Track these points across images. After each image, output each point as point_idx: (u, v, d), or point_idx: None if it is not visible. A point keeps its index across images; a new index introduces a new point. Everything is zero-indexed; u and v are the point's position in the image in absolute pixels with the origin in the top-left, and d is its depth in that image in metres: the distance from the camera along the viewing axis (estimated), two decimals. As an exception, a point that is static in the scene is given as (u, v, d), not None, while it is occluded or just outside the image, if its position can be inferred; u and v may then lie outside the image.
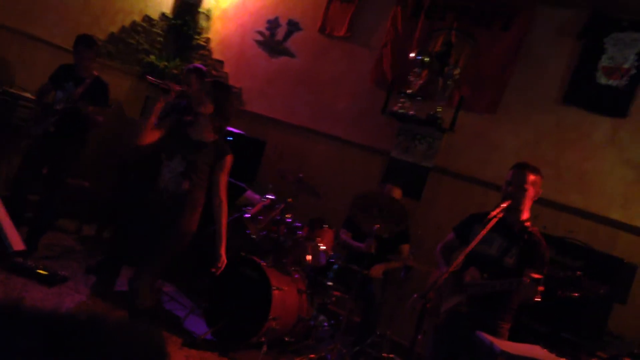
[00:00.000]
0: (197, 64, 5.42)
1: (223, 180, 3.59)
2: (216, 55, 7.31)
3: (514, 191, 3.20)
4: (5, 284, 4.00)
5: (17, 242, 3.14)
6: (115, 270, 4.67)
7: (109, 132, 5.44)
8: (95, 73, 4.91)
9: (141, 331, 1.03)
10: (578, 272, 2.82)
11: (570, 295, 2.81)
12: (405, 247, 4.99)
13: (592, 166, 4.90)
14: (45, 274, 4.36)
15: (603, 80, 4.91)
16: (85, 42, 4.80)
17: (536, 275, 2.93)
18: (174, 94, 3.61)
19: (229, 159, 3.58)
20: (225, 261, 3.58)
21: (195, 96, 3.68)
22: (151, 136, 3.57)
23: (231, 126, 6.02)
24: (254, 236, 4.62)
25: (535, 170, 3.24)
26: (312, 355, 4.37)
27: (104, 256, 5.03)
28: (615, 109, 4.86)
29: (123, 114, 6.79)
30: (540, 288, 2.96)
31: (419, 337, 4.40)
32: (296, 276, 4.60)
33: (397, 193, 5.03)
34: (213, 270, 3.57)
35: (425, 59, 5.50)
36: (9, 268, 4.24)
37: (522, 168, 3.25)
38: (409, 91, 5.61)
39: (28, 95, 5.30)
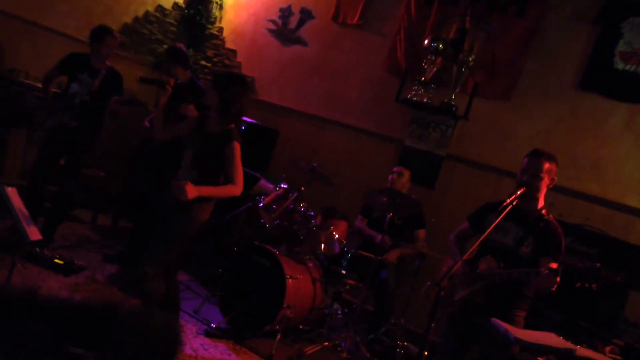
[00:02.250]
0: (177, 44, 5.38)
1: (235, 167, 3.53)
2: (229, 45, 7.31)
3: (529, 179, 3.17)
4: (22, 274, 4.04)
5: (34, 232, 3.19)
6: (136, 261, 4.72)
7: (123, 122, 5.46)
8: (108, 64, 4.93)
9: (156, 319, 1.04)
10: (597, 264, 2.79)
11: (589, 287, 2.79)
12: (421, 232, 4.99)
13: (608, 153, 4.85)
14: (61, 264, 4.41)
15: (620, 65, 4.84)
16: (106, 31, 4.81)
17: (554, 265, 2.91)
18: (169, 87, 3.65)
19: (235, 146, 3.52)
20: (184, 193, 3.28)
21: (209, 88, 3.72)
22: (167, 131, 3.65)
23: (244, 115, 6.03)
24: (267, 225, 4.63)
25: (551, 158, 3.21)
26: (326, 343, 4.38)
27: (123, 246, 5.08)
28: (632, 95, 4.80)
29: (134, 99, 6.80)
30: (557, 278, 2.95)
31: (433, 325, 4.41)
32: (310, 265, 4.61)
33: (405, 173, 5.02)
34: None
35: (439, 46, 5.46)
36: (26, 257, 4.30)
37: (537, 155, 3.22)
38: (422, 79, 5.58)
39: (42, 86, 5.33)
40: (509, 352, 2.91)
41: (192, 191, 3.29)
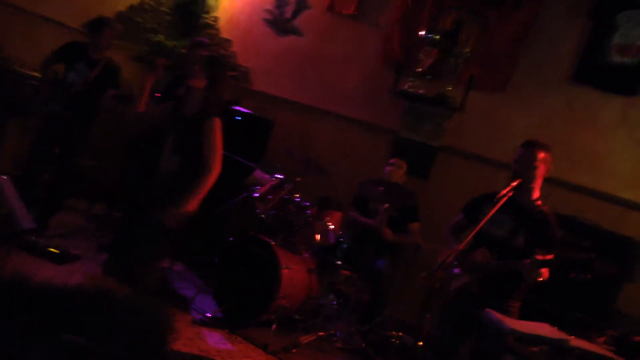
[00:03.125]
0: (201, 38, 5.38)
1: (211, 147, 3.38)
2: (224, 34, 7.26)
3: (524, 169, 3.18)
4: (16, 263, 4.03)
5: (28, 221, 3.17)
6: (126, 250, 4.70)
7: (116, 111, 5.44)
8: (107, 54, 4.90)
9: (149, 306, 1.04)
10: (592, 255, 2.81)
11: (584, 278, 2.80)
12: (415, 226, 4.98)
13: (603, 146, 4.86)
14: (56, 253, 4.40)
15: (616, 58, 4.84)
16: (109, 23, 4.78)
17: (539, 257, 2.92)
18: (160, 68, 3.57)
19: (214, 121, 3.39)
20: (170, 221, 3.30)
21: (190, 70, 3.61)
22: (149, 107, 3.56)
23: (238, 105, 6.01)
24: (262, 215, 4.63)
25: (545, 147, 3.22)
26: (321, 333, 4.40)
27: (114, 235, 5.07)
28: (626, 88, 4.81)
29: (131, 94, 6.77)
30: (543, 270, 2.96)
31: (428, 315, 4.43)
32: (305, 255, 4.62)
33: (403, 165, 5.02)
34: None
35: (435, 38, 5.44)
36: (20, 246, 4.28)
37: (531, 146, 3.22)
38: (418, 70, 5.56)
39: (37, 75, 5.29)
40: (503, 342, 2.93)
41: (175, 215, 3.25)
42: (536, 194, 3.25)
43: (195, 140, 3.39)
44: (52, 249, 4.40)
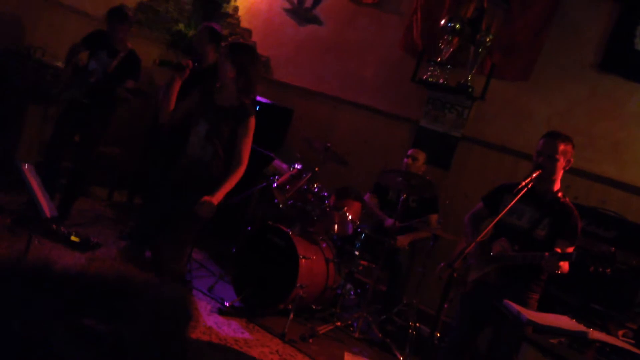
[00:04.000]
0: (213, 24, 5.34)
1: (245, 143, 3.47)
2: (244, 24, 7.27)
3: (545, 161, 3.14)
4: (38, 249, 4.09)
5: (50, 208, 3.22)
6: (146, 238, 4.75)
7: (139, 99, 5.47)
8: (130, 45, 4.92)
9: (170, 293, 1.05)
10: (612, 249, 2.78)
11: (603, 271, 2.77)
12: (434, 217, 4.95)
13: (626, 135, 4.77)
14: (77, 240, 4.44)
15: (641, 46, 4.74)
16: (118, 17, 4.76)
17: (559, 251, 2.91)
18: (188, 70, 3.55)
19: (251, 121, 3.45)
20: (207, 212, 3.32)
21: (219, 62, 3.61)
22: (172, 113, 3.54)
23: (259, 95, 6.02)
24: (281, 205, 4.64)
25: (567, 139, 3.18)
26: (338, 323, 4.41)
27: (135, 223, 5.13)
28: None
29: (153, 82, 6.82)
30: (563, 263, 2.95)
31: (446, 306, 4.42)
32: (324, 245, 4.62)
33: (420, 156, 4.99)
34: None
35: (457, 26, 5.38)
36: (42, 234, 4.34)
37: (553, 137, 3.19)
38: (439, 59, 5.51)
39: (59, 64, 5.34)
40: (521, 333, 2.91)
41: (213, 205, 3.29)
42: (557, 185, 3.22)
43: (231, 133, 3.44)
44: (73, 237, 4.45)
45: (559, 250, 2.93)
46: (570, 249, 3.01)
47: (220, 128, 3.43)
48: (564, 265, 2.98)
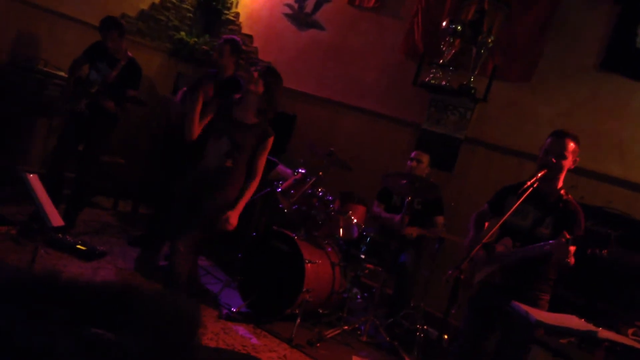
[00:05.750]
0: (233, 36, 5.33)
1: (262, 161, 3.74)
2: (245, 30, 7.29)
3: (553, 159, 3.12)
4: (45, 259, 4.11)
5: (55, 218, 3.23)
6: (157, 246, 4.77)
7: (141, 108, 5.49)
8: (130, 54, 4.94)
9: (178, 301, 1.05)
10: (609, 231, 2.77)
11: (599, 253, 2.75)
12: (440, 219, 4.95)
13: (631, 134, 4.75)
14: (84, 249, 4.46)
15: (642, 44, 4.73)
16: (105, 26, 4.79)
17: (567, 235, 2.85)
18: (209, 93, 3.72)
19: (270, 141, 3.73)
20: (231, 224, 3.63)
21: (246, 75, 3.72)
22: (198, 128, 3.70)
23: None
24: (286, 210, 4.65)
25: (575, 138, 3.17)
26: (345, 327, 4.40)
27: (146, 230, 5.14)
28: (656, 75, 4.69)
29: (155, 91, 6.84)
30: (572, 248, 2.89)
31: (453, 311, 4.40)
32: (329, 249, 4.62)
33: (424, 158, 4.98)
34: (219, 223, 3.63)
35: (458, 28, 5.37)
36: (49, 243, 4.36)
37: (561, 136, 3.17)
38: (440, 61, 5.51)
39: (62, 74, 5.36)
40: (530, 334, 2.90)
41: (236, 217, 3.60)
42: (560, 184, 3.21)
43: (250, 149, 3.68)
44: (79, 246, 4.47)
45: (567, 235, 2.86)
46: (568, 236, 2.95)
47: (242, 145, 3.63)
48: (572, 252, 2.91)
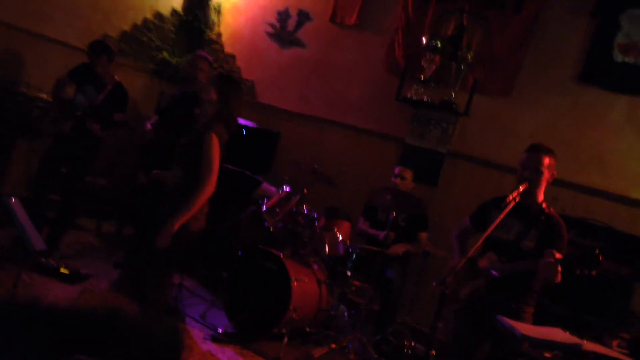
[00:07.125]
0: (203, 52, 5.43)
1: (203, 159, 3.20)
2: (228, 49, 7.31)
3: (530, 174, 3.17)
4: (27, 284, 4.06)
5: (38, 242, 3.19)
6: (136, 267, 4.73)
7: (124, 129, 5.48)
8: (117, 78, 4.94)
9: (161, 324, 1.04)
10: (596, 249, 2.79)
11: (589, 274, 2.78)
12: (423, 235, 4.96)
13: (610, 146, 4.83)
14: (67, 273, 4.42)
15: (619, 57, 4.82)
16: (94, 51, 4.79)
17: (558, 255, 2.90)
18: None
19: (210, 136, 3.21)
20: (167, 234, 3.10)
21: (201, 86, 3.62)
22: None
23: (245, 118, 6.04)
24: (271, 228, 4.63)
25: (550, 152, 3.21)
26: (333, 345, 4.38)
27: (125, 252, 5.11)
28: (632, 87, 4.78)
29: (138, 111, 6.83)
30: (560, 268, 2.93)
31: (440, 325, 4.40)
32: (315, 267, 4.61)
33: (408, 174, 5.01)
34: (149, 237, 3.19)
35: (438, 44, 5.44)
36: (32, 268, 4.31)
37: (536, 151, 3.21)
38: (422, 77, 5.57)
39: (44, 96, 5.34)
40: (518, 348, 2.91)
41: (168, 234, 3.08)
42: (541, 197, 3.25)
43: (195, 153, 3.24)
44: (62, 270, 4.42)
45: (557, 254, 2.89)
46: (558, 255, 3.00)
47: (186, 150, 3.32)
48: (559, 271, 2.95)
